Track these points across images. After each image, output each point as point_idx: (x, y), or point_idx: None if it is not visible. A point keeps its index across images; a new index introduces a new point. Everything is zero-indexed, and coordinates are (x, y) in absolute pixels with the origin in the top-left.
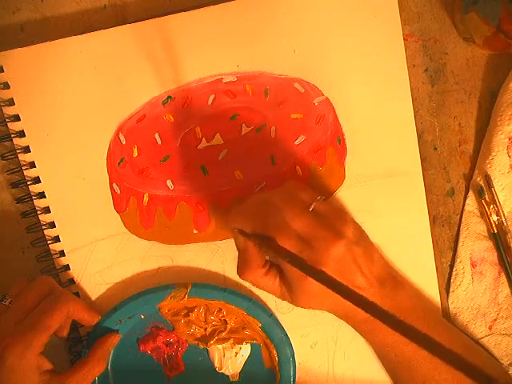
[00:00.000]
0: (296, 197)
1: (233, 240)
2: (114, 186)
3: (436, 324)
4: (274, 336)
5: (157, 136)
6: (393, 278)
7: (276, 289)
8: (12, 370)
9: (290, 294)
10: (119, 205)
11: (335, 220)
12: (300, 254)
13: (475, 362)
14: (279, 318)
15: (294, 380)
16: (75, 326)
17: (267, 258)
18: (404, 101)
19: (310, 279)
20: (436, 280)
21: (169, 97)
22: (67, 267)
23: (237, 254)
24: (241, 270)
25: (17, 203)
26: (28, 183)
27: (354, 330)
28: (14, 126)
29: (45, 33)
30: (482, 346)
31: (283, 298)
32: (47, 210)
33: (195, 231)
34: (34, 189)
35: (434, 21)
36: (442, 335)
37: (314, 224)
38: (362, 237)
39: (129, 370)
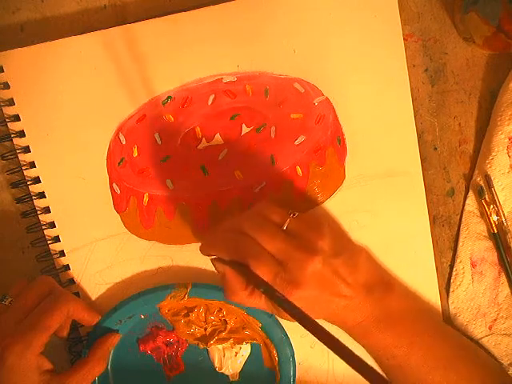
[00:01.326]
0: (266, 219)
1: None
2: (114, 186)
3: (431, 325)
4: (274, 336)
5: (157, 136)
6: (381, 283)
7: (263, 306)
8: (12, 370)
9: (278, 309)
10: (119, 205)
11: (309, 235)
12: (276, 277)
13: (473, 361)
14: (279, 318)
15: (293, 380)
16: (75, 326)
17: None
18: (404, 101)
19: (290, 295)
20: (436, 280)
21: (169, 97)
22: (67, 267)
23: None
24: (226, 294)
25: (17, 203)
26: (28, 183)
27: None
28: (14, 126)
29: (45, 33)
30: (482, 346)
31: (273, 313)
32: (47, 210)
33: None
34: (34, 189)
35: (434, 21)
36: (436, 336)
37: (287, 244)
38: (341, 247)
39: (129, 370)
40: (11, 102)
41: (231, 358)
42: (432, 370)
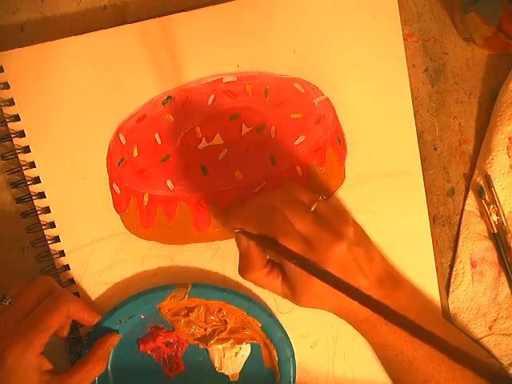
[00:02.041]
0: (297, 198)
1: (233, 240)
2: (114, 186)
3: (435, 323)
4: (274, 336)
5: (157, 136)
6: (392, 278)
7: (278, 288)
8: (12, 370)
9: (293, 293)
10: (119, 205)
11: (336, 220)
12: (303, 255)
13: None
14: (279, 318)
15: (293, 380)
16: (75, 326)
17: (268, 257)
18: (404, 101)
19: (314, 279)
20: (436, 280)
21: (169, 97)
22: (67, 267)
23: (237, 254)
24: (243, 271)
25: (17, 203)
26: (28, 183)
27: (354, 330)
28: (13, 126)
29: (45, 33)
30: (482, 346)
31: (285, 297)
32: (47, 210)
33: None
34: (34, 189)
35: (434, 21)
36: (442, 332)
37: (315, 225)
38: (362, 237)
39: (129, 370)
40: (11, 102)
41: (231, 358)
42: (439, 365)
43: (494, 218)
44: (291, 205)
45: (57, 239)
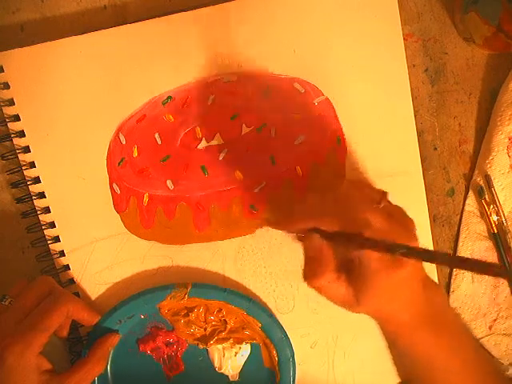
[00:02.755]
0: (368, 194)
1: (233, 240)
2: (114, 186)
3: (466, 331)
4: (274, 336)
5: (157, 136)
6: (432, 281)
7: (343, 293)
8: (11, 370)
9: (356, 294)
10: (119, 205)
11: (406, 220)
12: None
13: (500, 375)
14: (279, 318)
15: (293, 380)
16: (75, 326)
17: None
18: (404, 101)
19: (384, 275)
20: (436, 280)
21: (169, 97)
22: (67, 267)
23: (237, 254)
24: (313, 275)
25: (17, 203)
26: (28, 183)
27: (354, 330)
28: (13, 126)
29: (45, 33)
30: (482, 346)
31: (343, 304)
32: (47, 210)
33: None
34: (34, 189)
35: (434, 21)
36: (472, 343)
37: (391, 222)
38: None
39: (128, 370)
40: (11, 102)
41: (231, 358)
42: (470, 376)
43: (494, 217)
44: (367, 200)
45: (57, 239)
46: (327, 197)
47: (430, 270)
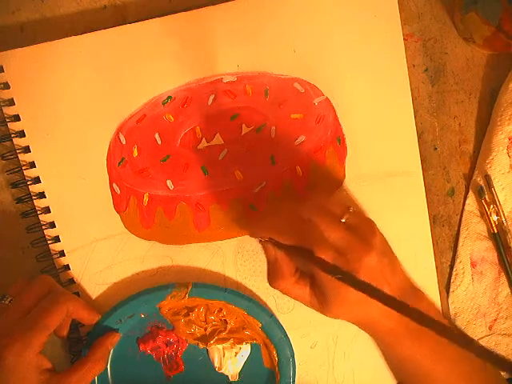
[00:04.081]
0: (329, 209)
1: (233, 240)
2: (114, 186)
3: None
4: (274, 336)
5: (157, 136)
6: (414, 289)
7: (306, 297)
8: (11, 369)
9: (322, 303)
10: (119, 205)
11: (366, 231)
12: (337, 265)
13: (491, 379)
14: (279, 318)
15: (293, 380)
16: (75, 325)
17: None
18: (404, 101)
19: (345, 290)
20: (436, 280)
21: (169, 97)
22: (67, 267)
23: (237, 254)
24: (271, 279)
25: (17, 203)
26: (28, 183)
27: (354, 330)
28: (13, 126)
29: (45, 33)
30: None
31: (312, 307)
32: (47, 210)
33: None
34: (34, 189)
35: (434, 21)
36: (459, 349)
37: (347, 236)
38: (387, 247)
39: (128, 370)
40: (11, 102)
41: (231, 358)
42: (457, 381)
43: (494, 218)
44: (324, 216)
45: (57, 239)
46: (283, 209)
47: (430, 270)
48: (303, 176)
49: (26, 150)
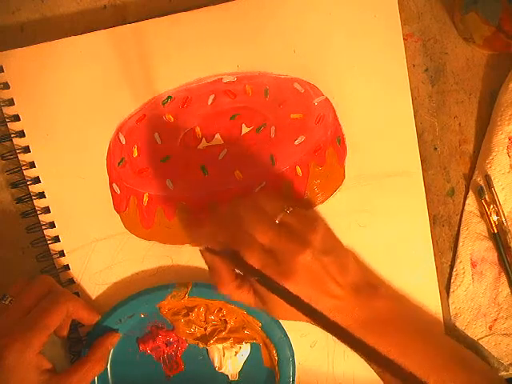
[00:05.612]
0: (262, 209)
1: None
2: (114, 186)
3: (423, 329)
4: (274, 336)
5: (157, 136)
6: (369, 286)
7: (251, 301)
8: (11, 369)
9: (265, 306)
10: (119, 205)
11: (302, 229)
12: (266, 268)
13: (470, 370)
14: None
15: (293, 380)
16: (75, 325)
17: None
18: (404, 101)
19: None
20: (436, 280)
21: (169, 97)
22: (67, 267)
23: None
24: (215, 286)
25: (17, 203)
26: (28, 183)
27: None
28: (13, 126)
29: (45, 33)
30: (482, 347)
31: (260, 310)
32: (47, 210)
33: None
34: (34, 189)
35: (434, 21)
36: (431, 341)
37: (279, 237)
38: (331, 245)
39: (128, 370)
40: (11, 102)
41: (231, 358)
42: (427, 375)
43: (494, 218)
44: (255, 218)
45: (57, 239)
46: (219, 214)
47: (430, 270)
48: (303, 176)
49: (26, 150)
